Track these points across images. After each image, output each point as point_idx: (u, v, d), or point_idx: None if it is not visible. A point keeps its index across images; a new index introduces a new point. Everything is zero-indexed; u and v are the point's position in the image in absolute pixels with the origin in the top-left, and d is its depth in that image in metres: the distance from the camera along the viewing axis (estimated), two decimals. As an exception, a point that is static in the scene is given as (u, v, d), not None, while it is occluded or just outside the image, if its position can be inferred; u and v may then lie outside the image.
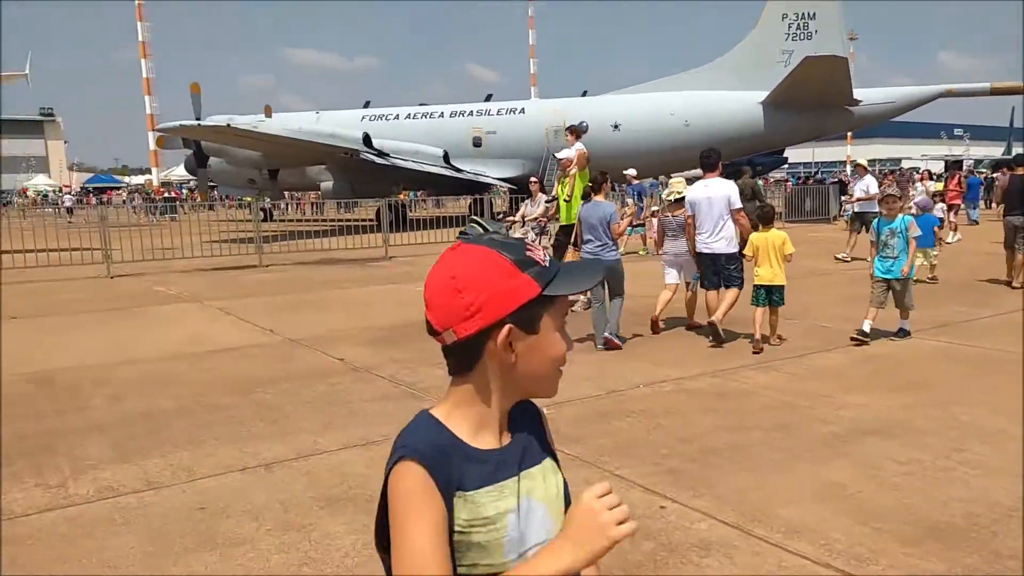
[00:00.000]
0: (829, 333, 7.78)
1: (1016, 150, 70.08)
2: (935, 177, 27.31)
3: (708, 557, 3.33)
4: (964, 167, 53.23)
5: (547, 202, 10.75)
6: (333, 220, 22.02)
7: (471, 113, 30.84)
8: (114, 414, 5.71)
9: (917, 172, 33.66)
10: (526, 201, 11.80)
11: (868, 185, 14.42)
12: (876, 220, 7.90)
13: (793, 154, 44.79)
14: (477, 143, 29.77)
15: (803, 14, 27.37)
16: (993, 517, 3.61)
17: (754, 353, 7.13)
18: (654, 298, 8.36)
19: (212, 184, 35.25)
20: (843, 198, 18.69)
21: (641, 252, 16.03)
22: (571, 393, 5.90)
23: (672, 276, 8.43)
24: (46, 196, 51.05)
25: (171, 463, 4.65)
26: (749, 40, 28.86)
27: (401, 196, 27.65)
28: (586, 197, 8.15)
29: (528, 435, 1.30)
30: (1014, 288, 10.34)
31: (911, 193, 19.07)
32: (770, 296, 7.56)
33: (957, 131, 79.33)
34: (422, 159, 28.72)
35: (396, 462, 1.15)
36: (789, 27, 27.53)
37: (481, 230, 1.25)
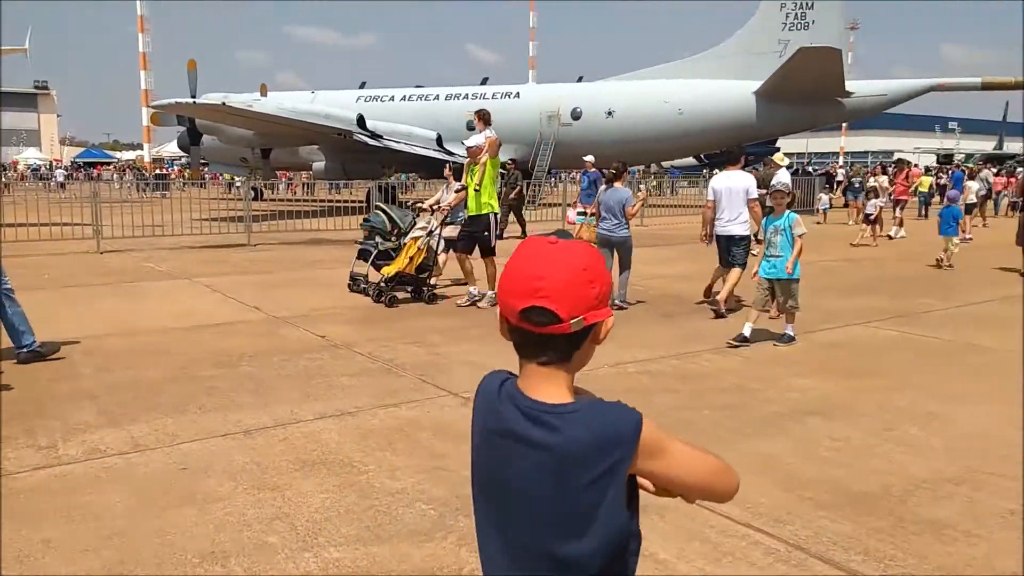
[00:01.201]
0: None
1: (1009, 145, 70.30)
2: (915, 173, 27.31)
3: (641, 516, 3.65)
4: (955, 161, 53.53)
5: (457, 191, 10.16)
6: (323, 200, 22.22)
7: (466, 96, 30.99)
8: (103, 383, 5.99)
9: (879, 166, 33.63)
10: (443, 188, 11.00)
11: (778, 181, 14.53)
12: (765, 218, 7.72)
13: (786, 144, 44.99)
14: (471, 127, 29.83)
15: (801, 3, 27.52)
16: (906, 488, 3.97)
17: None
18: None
19: (204, 162, 35.38)
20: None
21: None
22: (538, 371, 6.22)
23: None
24: (36, 170, 50.78)
25: (156, 428, 4.95)
26: (747, 29, 29.07)
27: (392, 176, 27.85)
28: (608, 183, 9.23)
29: None
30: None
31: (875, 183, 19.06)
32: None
33: (951, 124, 79.26)
34: (415, 142, 28.92)
35: (639, 422, 1.33)
36: (787, 17, 27.72)
37: (385, 218, 1.44)
